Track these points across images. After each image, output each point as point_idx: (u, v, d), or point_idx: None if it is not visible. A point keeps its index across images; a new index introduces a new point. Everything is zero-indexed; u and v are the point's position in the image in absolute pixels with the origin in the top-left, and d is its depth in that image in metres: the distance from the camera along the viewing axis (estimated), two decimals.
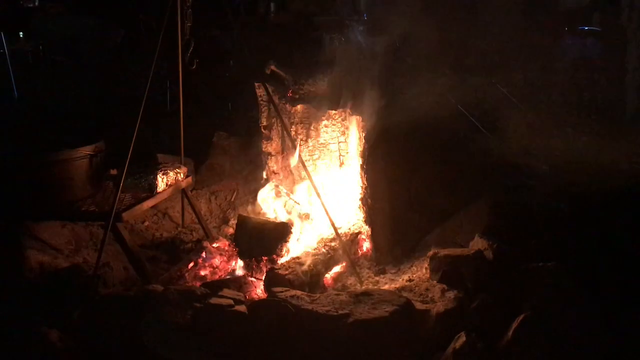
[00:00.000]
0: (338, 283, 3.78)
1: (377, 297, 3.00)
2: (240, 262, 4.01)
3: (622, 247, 3.23)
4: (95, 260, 3.50)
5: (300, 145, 4.29)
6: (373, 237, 4.10)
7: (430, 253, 3.51)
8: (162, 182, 3.92)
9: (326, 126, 4.27)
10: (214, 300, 2.96)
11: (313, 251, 3.84)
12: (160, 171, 3.96)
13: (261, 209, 4.48)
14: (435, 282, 3.39)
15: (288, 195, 4.38)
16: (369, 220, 4.09)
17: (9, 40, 8.46)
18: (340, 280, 3.82)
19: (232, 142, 5.45)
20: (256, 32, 4.52)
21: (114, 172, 4.31)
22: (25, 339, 2.83)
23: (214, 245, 4.35)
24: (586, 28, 7.60)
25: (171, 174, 4.03)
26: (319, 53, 4.45)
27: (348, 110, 4.21)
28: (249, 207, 4.66)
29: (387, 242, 4.02)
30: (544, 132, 6.07)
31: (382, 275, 3.86)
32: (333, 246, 3.88)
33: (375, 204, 4.05)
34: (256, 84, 4.35)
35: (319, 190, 3.84)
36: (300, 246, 3.98)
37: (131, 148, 3.54)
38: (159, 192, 3.90)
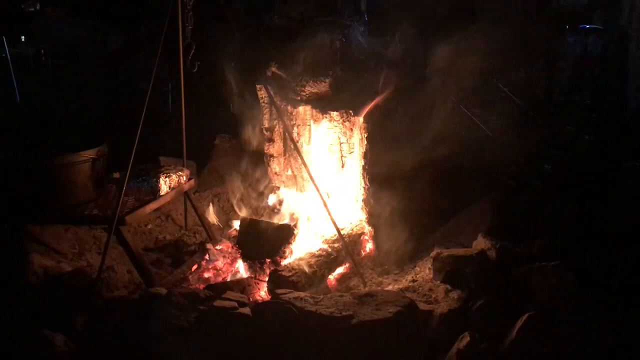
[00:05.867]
0: (341, 284, 3.79)
1: (381, 298, 3.00)
2: (244, 264, 4.01)
3: (625, 247, 3.23)
4: (99, 263, 3.51)
5: (301, 146, 4.29)
6: (376, 238, 4.10)
7: (434, 253, 3.51)
8: (165, 185, 3.93)
9: (328, 127, 4.27)
10: (218, 303, 2.97)
11: (316, 252, 3.84)
12: (163, 174, 3.96)
13: (264, 211, 4.48)
14: (438, 282, 3.39)
15: (290, 197, 4.38)
16: (371, 221, 4.09)
17: (11, 43, 8.48)
18: (343, 281, 3.82)
19: (234, 144, 5.45)
20: (257, 33, 4.52)
21: (116, 175, 4.32)
22: (29, 344, 2.84)
23: (217, 247, 4.36)
24: (587, 26, 7.59)
25: (174, 176, 4.03)
26: (320, 54, 4.45)
27: (350, 112, 4.21)
28: (252, 209, 4.67)
29: (390, 243, 4.02)
30: (546, 131, 6.08)
31: (385, 276, 3.86)
32: (336, 247, 3.88)
33: (377, 204, 4.05)
34: (257, 86, 4.35)
35: (321, 191, 3.85)
36: (303, 248, 3.98)
37: (133, 151, 3.54)
38: (162, 195, 3.90)
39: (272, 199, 4.54)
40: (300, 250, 3.94)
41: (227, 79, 4.43)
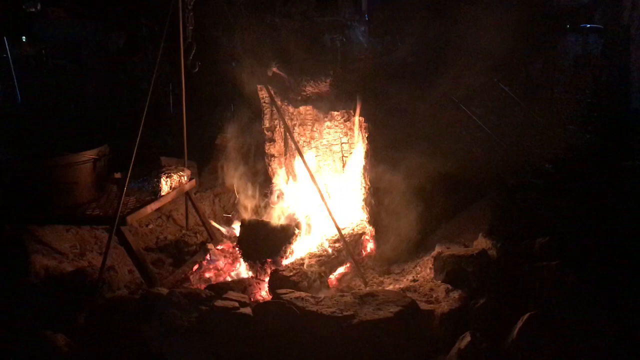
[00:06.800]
0: (342, 284, 3.79)
1: (382, 298, 3.01)
2: (245, 264, 4.01)
3: (626, 246, 3.23)
4: (100, 263, 3.51)
5: (303, 147, 4.29)
6: (377, 238, 4.10)
7: (435, 253, 3.51)
8: (166, 185, 3.93)
9: (329, 127, 4.28)
10: (219, 303, 2.97)
11: (317, 252, 3.84)
12: (164, 174, 3.97)
13: (265, 211, 4.48)
14: (439, 282, 3.39)
15: (291, 197, 4.39)
16: (372, 220, 4.09)
17: (12, 44, 8.49)
18: (344, 281, 3.82)
19: (235, 144, 5.45)
20: (258, 33, 4.52)
21: (117, 175, 4.33)
22: (31, 344, 2.84)
23: (218, 247, 4.36)
24: (588, 25, 7.59)
25: (175, 176, 4.04)
26: (320, 54, 4.46)
27: (351, 111, 4.22)
28: (253, 209, 4.67)
29: (391, 243, 4.02)
30: (547, 130, 6.07)
31: (386, 276, 3.86)
32: (337, 247, 3.89)
33: (378, 204, 4.05)
34: (258, 86, 4.35)
35: (322, 191, 3.85)
36: (304, 247, 3.98)
37: (135, 151, 3.55)
38: (163, 195, 3.91)
39: (272, 199, 4.54)
40: (302, 250, 3.94)
41: (228, 79, 4.43)
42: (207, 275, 4.04)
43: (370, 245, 4.14)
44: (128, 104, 6.92)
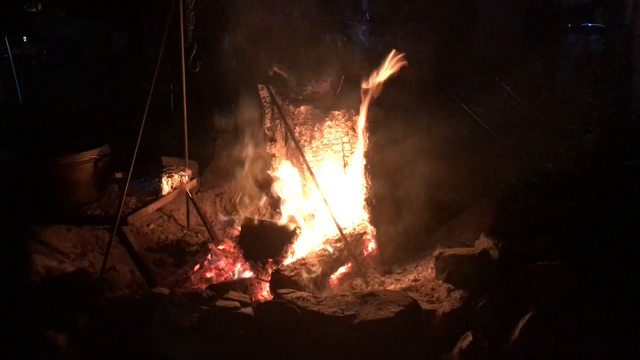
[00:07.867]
0: (344, 284, 3.78)
1: (383, 298, 3.00)
2: (246, 264, 4.01)
3: (628, 247, 3.22)
4: (101, 264, 3.51)
5: (304, 146, 4.29)
6: (378, 237, 4.09)
7: (436, 253, 3.51)
8: (167, 185, 3.93)
9: (330, 127, 4.27)
10: (220, 303, 2.97)
11: (318, 252, 3.83)
12: (165, 174, 3.97)
13: (266, 211, 4.48)
14: (441, 281, 3.39)
15: (292, 196, 4.38)
16: (373, 220, 4.08)
17: (13, 44, 8.50)
18: (346, 281, 3.82)
19: (236, 144, 5.45)
20: (258, 33, 4.53)
21: (118, 175, 4.32)
22: (32, 344, 2.84)
23: (220, 247, 4.36)
24: (590, 25, 7.58)
25: (176, 176, 4.04)
26: (321, 54, 4.45)
27: (352, 111, 4.21)
28: (254, 209, 4.67)
29: (392, 242, 4.02)
30: (548, 130, 6.07)
31: (387, 276, 3.86)
32: (338, 247, 3.88)
33: (379, 204, 4.05)
34: (259, 86, 4.35)
35: (323, 191, 3.84)
36: (305, 247, 3.98)
37: (136, 151, 3.54)
38: (164, 195, 3.91)
39: (273, 198, 4.54)
40: (303, 250, 3.94)
41: (228, 79, 4.43)
42: (208, 275, 4.04)
43: (371, 245, 4.14)
44: (129, 104, 6.91)
